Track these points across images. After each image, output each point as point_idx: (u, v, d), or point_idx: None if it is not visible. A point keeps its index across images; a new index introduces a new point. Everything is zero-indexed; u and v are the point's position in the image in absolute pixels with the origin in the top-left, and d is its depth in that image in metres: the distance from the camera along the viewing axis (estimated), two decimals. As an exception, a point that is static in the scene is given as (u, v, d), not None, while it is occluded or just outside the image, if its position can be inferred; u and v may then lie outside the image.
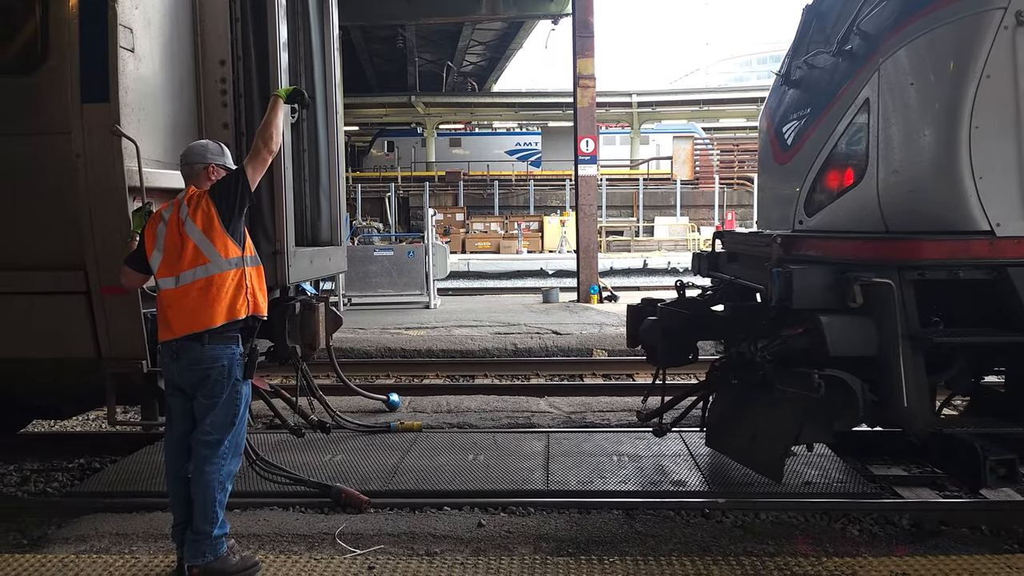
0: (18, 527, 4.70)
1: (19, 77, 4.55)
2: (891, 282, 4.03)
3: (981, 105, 3.99)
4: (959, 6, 4.09)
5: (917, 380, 4.10)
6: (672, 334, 5.39)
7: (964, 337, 4.23)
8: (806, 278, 4.30)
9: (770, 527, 4.55)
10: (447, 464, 5.63)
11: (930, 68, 4.24)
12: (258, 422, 6.90)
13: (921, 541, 4.36)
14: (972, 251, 4.04)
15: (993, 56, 3.97)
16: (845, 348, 4.16)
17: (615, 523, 4.60)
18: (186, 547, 3.86)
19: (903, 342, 4.05)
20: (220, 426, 3.85)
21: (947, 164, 4.06)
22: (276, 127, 4.07)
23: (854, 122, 4.51)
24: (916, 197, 4.21)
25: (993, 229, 4.01)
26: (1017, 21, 3.94)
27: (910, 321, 4.08)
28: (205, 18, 5.18)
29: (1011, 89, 3.98)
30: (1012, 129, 3.99)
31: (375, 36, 31.70)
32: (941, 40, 4.17)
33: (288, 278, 5.21)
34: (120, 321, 4.53)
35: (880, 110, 4.39)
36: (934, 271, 4.09)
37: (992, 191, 4.00)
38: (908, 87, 4.30)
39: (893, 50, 4.36)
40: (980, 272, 4.07)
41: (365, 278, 14.87)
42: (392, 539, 4.35)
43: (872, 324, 4.13)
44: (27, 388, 5.28)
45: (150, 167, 4.54)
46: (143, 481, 5.40)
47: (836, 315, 4.20)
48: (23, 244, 4.60)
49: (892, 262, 4.12)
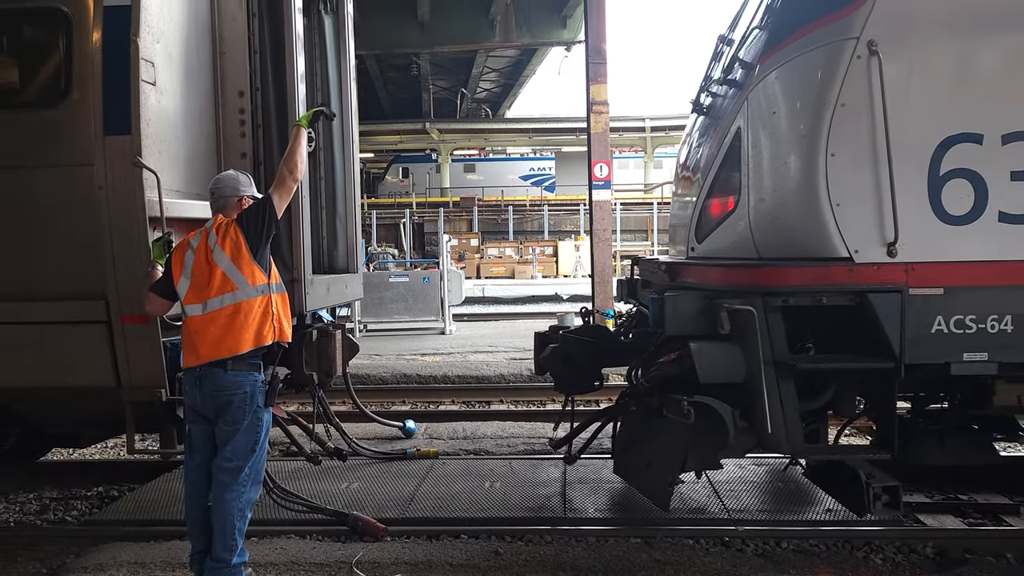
0: (37, 556, 4.71)
1: (43, 110, 4.65)
2: (752, 309, 4.09)
3: (836, 134, 4.06)
4: (815, 36, 4.17)
5: (787, 405, 4.14)
6: (573, 361, 5.37)
7: (828, 363, 4.28)
8: (678, 305, 4.38)
9: (791, 556, 4.50)
10: (463, 491, 5.61)
11: (789, 97, 4.33)
12: (275, 449, 6.92)
13: (946, 570, 4.29)
14: (832, 278, 4.09)
15: (847, 85, 4.04)
16: (714, 375, 4.21)
17: (633, 551, 4.56)
18: (205, 575, 3.86)
19: (767, 368, 4.11)
20: (241, 453, 3.87)
21: (807, 192, 4.12)
22: (300, 156, 4.17)
23: (731, 150, 4.60)
24: (781, 224, 4.28)
25: (852, 256, 4.06)
26: (869, 51, 4.00)
27: (776, 347, 4.14)
28: (225, 51, 5.26)
29: (865, 118, 4.04)
30: (867, 158, 4.04)
31: (390, 64, 32.04)
32: (799, 69, 4.26)
33: (305, 306, 5.24)
34: (140, 350, 4.57)
35: (750, 138, 4.49)
36: (798, 297, 4.14)
37: (849, 218, 4.06)
38: (771, 116, 4.39)
39: (759, 80, 4.48)
40: (844, 298, 4.11)
41: (380, 304, 14.92)
42: (409, 568, 4.33)
43: (739, 351, 4.17)
44: (48, 416, 5.33)
45: (170, 197, 4.60)
46: (161, 509, 5.41)
47: (706, 342, 4.25)
48: (46, 274, 4.66)
49: (756, 289, 4.18)
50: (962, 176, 4.02)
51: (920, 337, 4.02)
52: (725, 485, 5.64)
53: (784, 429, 4.12)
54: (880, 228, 4.04)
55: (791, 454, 4.32)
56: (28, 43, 4.85)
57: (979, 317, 4.03)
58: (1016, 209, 4.02)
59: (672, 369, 4.39)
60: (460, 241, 33.34)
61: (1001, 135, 4.00)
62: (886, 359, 4.06)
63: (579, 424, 5.73)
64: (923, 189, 4.03)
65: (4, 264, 4.68)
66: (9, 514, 5.72)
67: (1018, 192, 4.01)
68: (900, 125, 3.99)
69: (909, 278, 4.03)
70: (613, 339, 5.52)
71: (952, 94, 4.06)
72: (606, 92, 15.43)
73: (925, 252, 4.04)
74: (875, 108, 3.99)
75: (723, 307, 4.15)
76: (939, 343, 4.04)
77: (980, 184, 4.01)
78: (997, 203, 4.01)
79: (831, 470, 4.76)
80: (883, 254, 4.03)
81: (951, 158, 4.01)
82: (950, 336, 4.03)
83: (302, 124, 4.32)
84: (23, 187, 4.63)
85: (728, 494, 5.48)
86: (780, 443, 4.15)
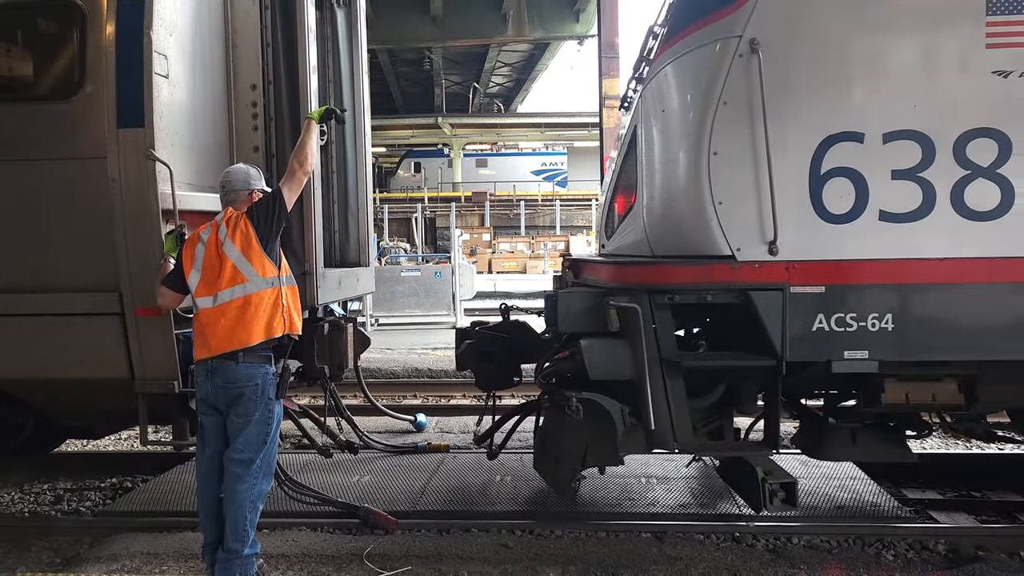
0: (51, 546, 4.75)
1: (57, 103, 4.66)
2: (637, 306, 4.12)
3: (719, 132, 4.07)
4: (701, 34, 4.18)
5: (675, 402, 4.20)
6: (490, 357, 5.36)
7: (711, 361, 4.34)
8: (571, 302, 4.42)
9: (802, 552, 4.48)
10: (474, 485, 5.62)
11: (676, 94, 4.37)
12: (286, 442, 6.95)
13: (958, 567, 4.26)
14: (715, 276, 4.12)
15: (729, 84, 4.04)
16: (603, 372, 4.25)
17: (644, 545, 4.56)
18: (217, 566, 3.88)
19: (651, 365, 4.15)
20: (252, 444, 3.89)
21: (692, 190, 4.14)
22: (311, 149, 4.18)
23: (630, 147, 4.63)
24: (670, 223, 4.32)
25: (734, 254, 4.07)
26: (751, 49, 4.00)
27: (664, 345, 4.18)
28: (237, 44, 5.27)
29: (746, 116, 4.04)
30: (748, 156, 4.04)
31: (402, 58, 32.10)
32: (685, 67, 4.29)
33: (317, 299, 5.25)
34: (153, 342, 4.59)
35: (644, 136, 4.52)
36: (684, 295, 4.17)
37: (731, 217, 4.07)
38: (661, 113, 4.43)
39: (652, 76, 4.52)
40: (728, 296, 4.13)
41: (392, 298, 14.96)
42: (420, 560, 4.34)
43: (628, 348, 4.20)
44: (62, 408, 5.37)
45: (183, 190, 4.62)
46: (174, 501, 5.45)
47: (597, 339, 4.28)
48: (60, 266, 4.69)
49: (643, 286, 4.21)
50: (843, 175, 4.03)
51: (802, 335, 4.05)
52: (736, 480, 5.63)
53: (670, 425, 4.19)
54: (761, 226, 4.05)
55: (679, 451, 4.36)
56: (42, 36, 4.86)
57: (860, 315, 4.04)
58: (897, 208, 4.02)
59: (565, 366, 4.46)
60: (472, 236, 33.37)
61: (882, 134, 4.01)
62: (769, 356, 4.10)
63: (499, 419, 5.74)
64: (804, 188, 4.04)
65: (19, 256, 4.71)
66: (24, 504, 5.77)
67: (899, 191, 4.01)
68: (781, 124, 4.01)
69: (790, 276, 4.04)
70: (532, 335, 5.48)
71: (833, 93, 4.06)
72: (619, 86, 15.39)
73: (806, 251, 4.04)
74: (756, 107, 4.00)
75: (610, 305, 4.20)
76: (820, 341, 4.05)
77: (861, 183, 4.02)
78: (878, 202, 4.02)
79: (736, 467, 4.80)
80: (764, 252, 4.05)
81: (832, 157, 4.02)
82: (831, 334, 4.04)
83: (313, 118, 4.34)
84: (38, 180, 4.65)
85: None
86: (665, 439, 4.22)
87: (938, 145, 3.97)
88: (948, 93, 4.00)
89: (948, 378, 4.30)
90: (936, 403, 4.32)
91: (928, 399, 4.29)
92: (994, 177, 3.96)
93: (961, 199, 3.97)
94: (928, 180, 3.98)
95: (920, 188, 3.99)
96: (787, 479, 4.33)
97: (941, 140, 3.97)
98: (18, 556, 4.60)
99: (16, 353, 4.78)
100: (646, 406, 4.12)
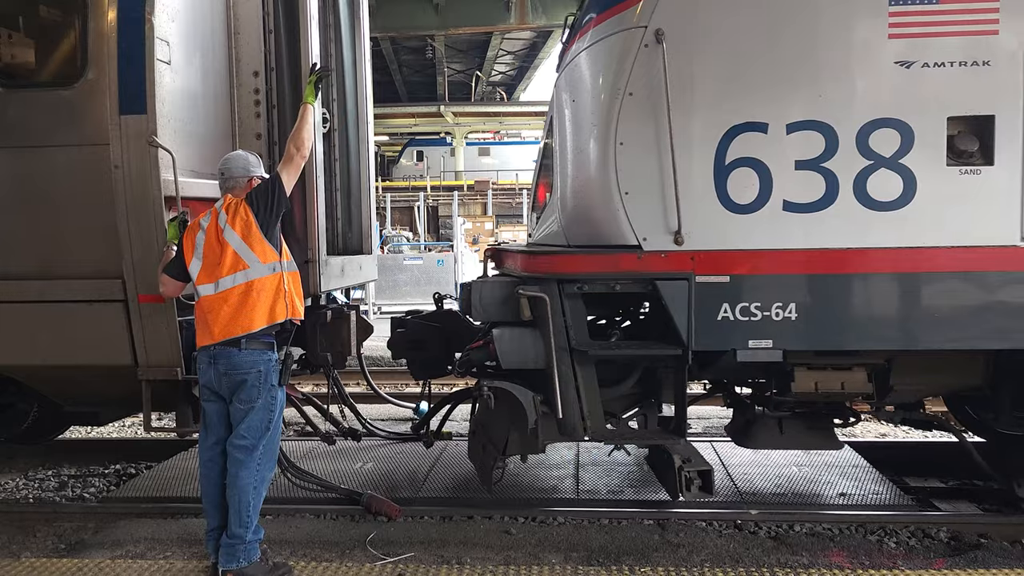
0: (56, 531, 4.78)
1: (59, 90, 4.65)
2: (545, 296, 4.15)
3: (624, 123, 4.08)
4: (610, 23, 4.18)
5: (586, 391, 4.25)
6: (421, 346, 5.37)
7: (619, 351, 4.37)
8: (484, 291, 4.48)
9: (804, 539, 4.49)
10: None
11: (586, 85, 4.38)
12: (290, 429, 6.97)
13: (960, 554, 4.27)
14: (621, 265, 4.14)
15: (635, 74, 4.05)
16: (515, 360, 4.32)
17: (646, 532, 4.57)
18: (221, 552, 3.90)
19: (560, 354, 4.19)
20: (256, 431, 3.90)
21: (600, 181, 4.16)
22: (308, 132, 4.18)
23: (548, 137, 4.62)
24: (581, 213, 4.34)
25: (640, 244, 4.11)
26: (656, 40, 4.00)
27: (575, 334, 4.21)
28: (239, 31, 5.24)
29: (651, 107, 4.05)
30: (653, 147, 4.06)
31: (404, 47, 31.96)
32: (594, 57, 4.30)
33: (320, 286, 5.25)
34: (156, 329, 4.60)
35: (557, 126, 4.55)
36: (593, 284, 4.19)
37: (637, 207, 4.10)
38: (572, 103, 4.45)
39: (565, 66, 4.54)
40: (637, 286, 4.15)
41: (395, 287, 14.97)
42: (423, 546, 4.36)
43: (539, 337, 4.24)
44: (66, 394, 5.38)
45: (185, 177, 4.61)
46: (177, 487, 5.48)
47: (509, 328, 4.34)
48: (64, 253, 4.69)
49: (552, 276, 4.23)
50: (747, 165, 4.05)
51: (707, 324, 4.09)
52: (738, 469, 5.64)
53: (579, 415, 4.24)
54: (666, 217, 4.08)
55: (590, 439, 4.39)
56: (45, 23, 4.85)
57: (764, 305, 4.07)
58: (800, 198, 4.04)
59: (478, 355, 4.51)
60: (474, 224, 33.28)
61: (786, 124, 4.02)
62: (675, 346, 4.13)
63: (433, 407, 5.77)
64: (709, 178, 4.06)
65: (23, 243, 4.71)
66: (28, 490, 5.81)
67: (802, 181, 4.03)
68: (685, 115, 4.04)
69: (696, 266, 4.07)
70: (464, 324, 5.49)
71: (737, 84, 4.06)
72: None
73: (711, 240, 4.08)
74: (660, 98, 4.00)
75: (520, 293, 4.23)
76: (725, 330, 4.09)
77: (765, 173, 4.04)
78: (781, 192, 4.04)
79: (659, 456, 4.85)
80: (670, 242, 4.09)
81: (736, 147, 4.04)
82: (736, 323, 4.08)
83: (309, 102, 4.33)
84: (42, 167, 4.65)
85: (742, 478, 5.48)
86: (574, 428, 4.27)
87: (841, 136, 4.00)
88: (851, 84, 4.02)
89: (858, 367, 4.35)
90: (845, 392, 4.37)
91: (837, 388, 4.34)
92: (896, 167, 3.99)
93: (864, 189, 4.01)
94: (831, 170, 4.02)
95: (823, 178, 4.02)
96: (704, 467, 4.40)
97: (844, 131, 4.00)
98: (23, 541, 4.63)
99: (22, 339, 4.79)
100: (554, 395, 4.17)
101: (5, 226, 4.72)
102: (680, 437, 4.41)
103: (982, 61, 3.94)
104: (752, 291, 4.06)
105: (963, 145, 3.95)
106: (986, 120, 3.95)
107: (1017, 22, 3.93)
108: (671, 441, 4.51)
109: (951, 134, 3.97)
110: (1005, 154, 3.95)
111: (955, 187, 3.97)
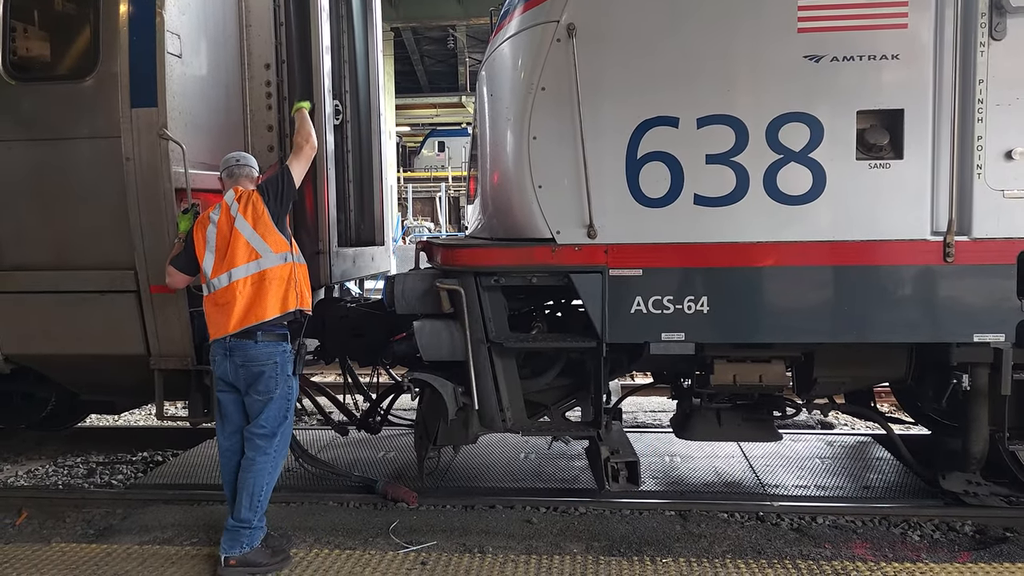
0: (85, 517, 4.84)
1: (71, 83, 4.67)
2: (460, 288, 4.17)
3: (537, 116, 4.07)
4: (525, 17, 4.18)
5: (506, 383, 4.29)
6: (361, 334, 5.34)
7: (534, 343, 4.39)
8: (406, 284, 4.50)
9: (827, 531, 4.45)
10: (498, 462, 5.65)
11: (501, 78, 4.39)
12: (312, 419, 7.02)
13: (985, 548, 4.20)
14: (536, 258, 4.14)
15: (547, 69, 4.05)
16: (435, 353, 4.35)
17: (668, 523, 4.56)
18: (224, 537, 3.93)
19: (477, 346, 4.23)
20: (274, 419, 3.96)
21: (516, 174, 4.16)
22: (310, 127, 4.24)
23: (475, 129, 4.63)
24: (500, 206, 4.35)
25: (554, 237, 4.11)
26: (568, 34, 3.97)
27: (493, 326, 4.23)
28: (251, 23, 5.23)
29: (563, 101, 4.03)
30: (566, 141, 4.05)
31: (426, 37, 31.96)
32: (510, 51, 4.29)
33: (331, 276, 5.28)
34: (168, 319, 4.63)
35: (479, 118, 4.56)
36: (510, 277, 4.19)
37: (550, 200, 4.10)
38: (490, 97, 4.46)
39: (485, 60, 4.56)
40: (553, 279, 4.16)
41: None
42: (445, 535, 4.37)
43: (458, 329, 4.25)
44: (81, 383, 5.43)
45: (196, 169, 4.62)
46: (204, 475, 5.54)
47: (430, 320, 4.36)
48: (78, 244, 4.73)
49: (469, 269, 4.24)
50: (659, 159, 4.04)
51: (621, 317, 4.08)
52: (760, 460, 5.61)
53: (497, 406, 4.28)
54: (580, 210, 4.07)
55: (509, 431, 4.42)
56: (58, 16, 4.88)
57: (676, 298, 4.06)
58: (711, 192, 4.02)
59: (402, 347, 4.54)
60: (496, 215, 33.26)
61: (696, 119, 4.00)
62: (590, 338, 4.13)
63: (379, 395, 5.76)
64: (621, 172, 4.05)
65: (39, 234, 4.75)
66: (58, 477, 5.90)
67: (713, 175, 4.01)
68: (596, 109, 4.01)
69: (609, 259, 4.07)
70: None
71: (647, 78, 4.04)
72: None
73: (624, 234, 4.07)
74: (572, 92, 3.99)
75: (437, 286, 4.26)
76: (638, 323, 4.09)
77: (676, 167, 4.02)
78: (693, 186, 4.02)
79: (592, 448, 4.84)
80: (584, 235, 4.08)
81: (648, 141, 4.03)
82: (649, 316, 4.08)
83: (304, 107, 4.35)
84: (54, 159, 4.67)
85: (764, 470, 5.44)
86: (493, 420, 4.32)
87: (751, 130, 3.98)
88: (761, 78, 4.00)
89: (776, 360, 4.34)
90: (763, 384, 4.36)
91: (755, 380, 4.35)
92: (806, 161, 3.97)
93: (774, 183, 3.99)
94: (741, 164, 4.00)
95: (734, 172, 4.01)
96: (631, 458, 4.41)
97: (754, 125, 3.98)
98: (53, 527, 4.70)
99: (37, 329, 4.85)
100: (470, 386, 4.22)
101: (21, 218, 4.76)
102: (596, 428, 4.44)
103: (891, 55, 3.91)
104: (664, 284, 4.07)
105: (873, 139, 3.94)
106: (896, 114, 3.93)
107: (926, 15, 3.90)
108: (586, 433, 4.55)
109: (861, 128, 3.95)
110: (915, 148, 3.93)
111: (865, 181, 3.95)
